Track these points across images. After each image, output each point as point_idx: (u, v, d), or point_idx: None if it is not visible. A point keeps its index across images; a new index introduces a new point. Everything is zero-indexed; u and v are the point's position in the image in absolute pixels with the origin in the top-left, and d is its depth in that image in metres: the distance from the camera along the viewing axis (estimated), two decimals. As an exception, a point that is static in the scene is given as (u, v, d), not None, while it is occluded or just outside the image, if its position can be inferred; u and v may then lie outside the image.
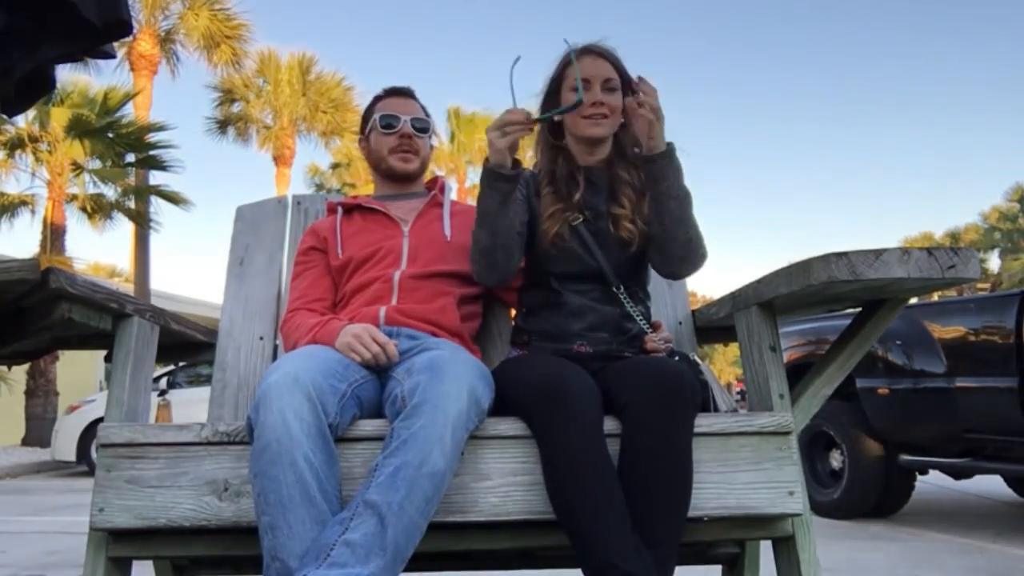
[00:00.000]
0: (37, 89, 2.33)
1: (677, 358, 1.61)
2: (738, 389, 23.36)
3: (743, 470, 1.43)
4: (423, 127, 1.96)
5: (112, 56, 2.46)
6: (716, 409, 1.52)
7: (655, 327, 1.73)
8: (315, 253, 1.89)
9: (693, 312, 2.00)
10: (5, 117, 9.39)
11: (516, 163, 1.58)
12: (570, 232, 1.71)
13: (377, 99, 2.01)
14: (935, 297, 4.70)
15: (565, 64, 1.72)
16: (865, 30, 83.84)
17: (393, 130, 1.93)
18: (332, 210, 1.96)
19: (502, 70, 1.79)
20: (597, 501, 1.32)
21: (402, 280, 1.77)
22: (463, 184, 21.59)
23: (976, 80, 74.68)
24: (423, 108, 2.01)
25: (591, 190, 1.74)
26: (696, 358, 1.64)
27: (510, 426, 1.44)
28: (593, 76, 1.68)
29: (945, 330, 4.06)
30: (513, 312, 1.97)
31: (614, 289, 1.69)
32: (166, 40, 14.53)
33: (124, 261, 22.05)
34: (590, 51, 1.71)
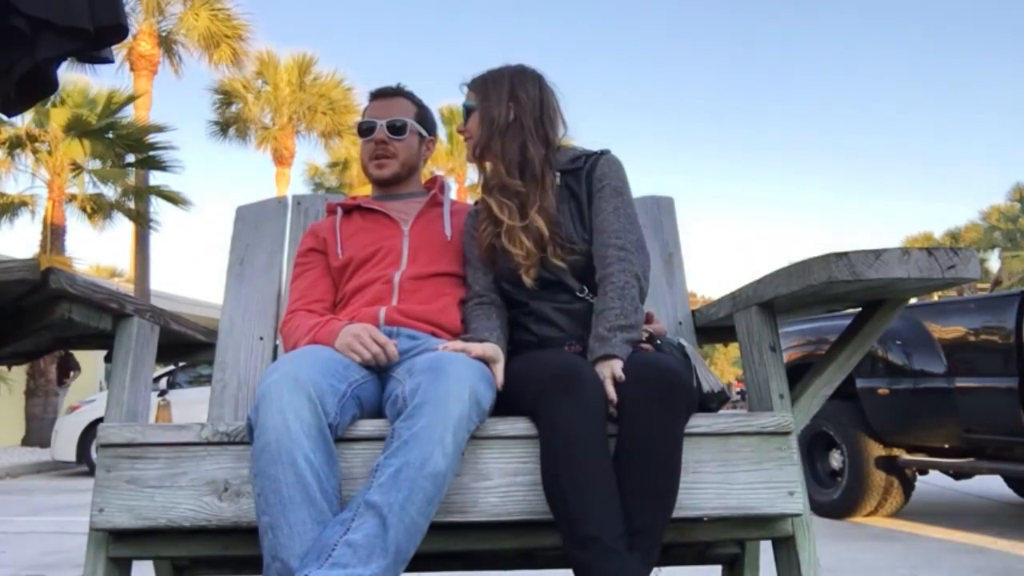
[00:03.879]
0: (38, 89, 2.33)
1: (659, 342, 1.62)
2: (738, 389, 23.36)
3: (743, 470, 1.43)
4: (399, 128, 1.92)
5: (110, 61, 2.46)
6: (700, 389, 1.53)
7: (647, 318, 1.73)
8: (314, 254, 1.88)
9: (693, 312, 2.00)
10: (5, 117, 9.39)
11: None
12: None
13: (368, 102, 2.00)
14: (935, 297, 4.70)
15: None
16: (865, 29, 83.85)
17: (369, 137, 1.92)
18: (331, 211, 1.96)
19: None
20: (589, 482, 1.33)
21: (402, 281, 1.77)
22: (462, 183, 21.58)
23: (977, 79, 74.68)
24: (415, 103, 1.98)
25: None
26: (682, 341, 1.64)
27: (510, 426, 1.44)
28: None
29: (945, 330, 4.06)
30: None
31: (578, 294, 1.69)
32: (166, 40, 14.53)
33: (124, 261, 22.06)
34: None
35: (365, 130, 1.93)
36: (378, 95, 1.98)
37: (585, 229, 1.70)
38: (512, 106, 1.73)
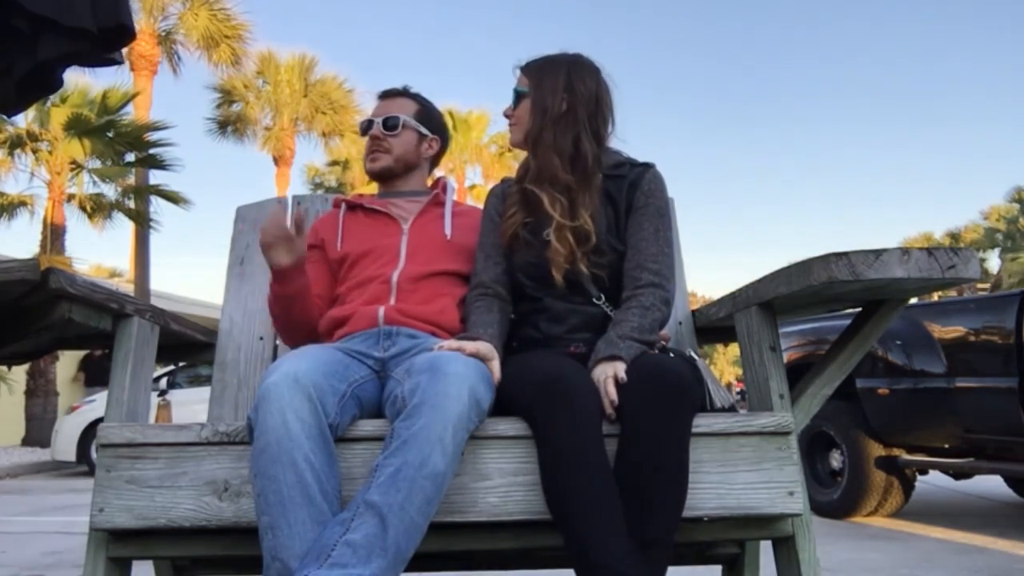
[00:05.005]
0: (38, 89, 2.33)
1: (672, 355, 1.60)
2: (738, 389, 23.36)
3: (743, 470, 1.43)
4: (392, 124, 1.93)
5: (120, 62, 2.45)
6: (712, 405, 1.52)
7: None
8: (312, 250, 1.89)
9: (693, 312, 1.99)
10: (5, 117, 9.38)
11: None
12: (541, 244, 1.69)
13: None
14: (935, 297, 4.70)
15: None
16: (865, 29, 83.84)
17: (367, 134, 1.96)
18: (336, 205, 1.98)
19: (501, 68, 1.80)
20: (592, 500, 1.32)
21: (400, 281, 1.77)
22: (462, 184, 21.60)
23: (977, 79, 74.69)
24: (418, 103, 1.99)
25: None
26: (692, 354, 1.63)
27: (510, 426, 1.43)
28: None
29: (945, 330, 4.06)
30: None
31: (594, 300, 1.67)
32: (166, 40, 14.52)
33: (124, 261, 22.06)
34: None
35: (363, 128, 1.98)
36: (382, 96, 2.03)
37: (618, 240, 1.68)
38: (567, 97, 1.70)
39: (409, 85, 2.03)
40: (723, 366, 41.00)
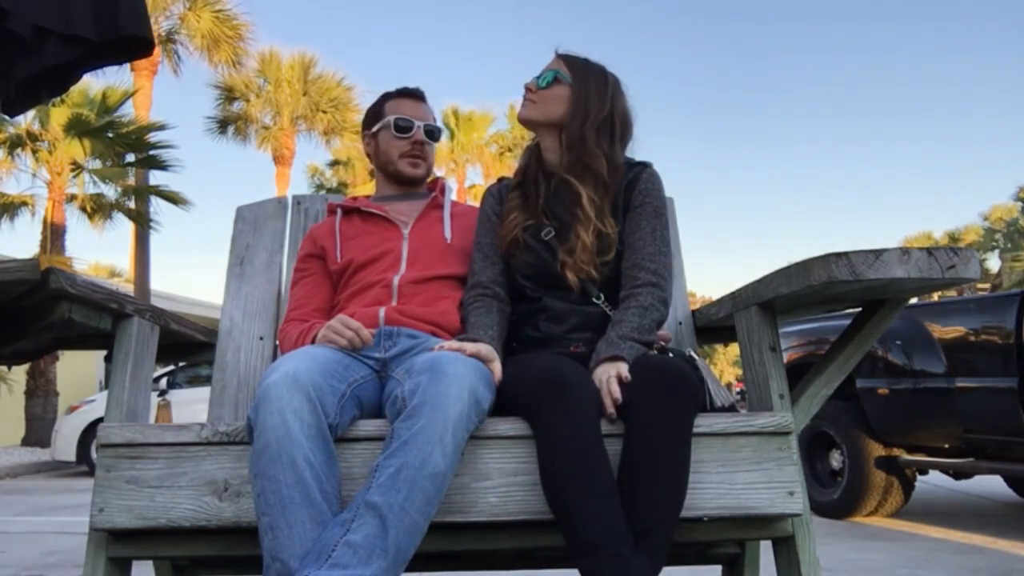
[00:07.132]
0: (47, 91, 2.33)
1: (672, 355, 1.61)
2: (738, 389, 23.36)
3: (743, 470, 1.43)
4: (435, 134, 1.98)
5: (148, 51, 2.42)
6: (712, 405, 1.52)
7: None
8: (312, 260, 1.89)
9: (693, 312, 2.00)
10: (7, 117, 9.38)
11: None
12: (541, 245, 1.70)
13: (387, 97, 2.00)
14: (935, 297, 4.70)
15: None
16: (866, 29, 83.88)
17: (407, 135, 1.93)
18: (331, 211, 1.97)
19: (501, 68, 1.82)
20: (591, 492, 1.33)
21: (401, 285, 1.77)
22: (462, 184, 21.61)
23: (978, 79, 74.74)
24: (431, 112, 2.02)
25: (555, 198, 1.73)
26: (692, 354, 1.64)
27: (510, 426, 1.43)
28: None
29: (945, 330, 4.07)
30: None
31: (594, 300, 1.68)
32: (167, 40, 14.53)
33: (124, 261, 22.06)
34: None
35: (403, 127, 1.94)
36: (410, 95, 2.01)
37: (618, 240, 1.69)
38: (610, 105, 1.74)
39: (420, 88, 2.04)
40: (723, 366, 41.04)
